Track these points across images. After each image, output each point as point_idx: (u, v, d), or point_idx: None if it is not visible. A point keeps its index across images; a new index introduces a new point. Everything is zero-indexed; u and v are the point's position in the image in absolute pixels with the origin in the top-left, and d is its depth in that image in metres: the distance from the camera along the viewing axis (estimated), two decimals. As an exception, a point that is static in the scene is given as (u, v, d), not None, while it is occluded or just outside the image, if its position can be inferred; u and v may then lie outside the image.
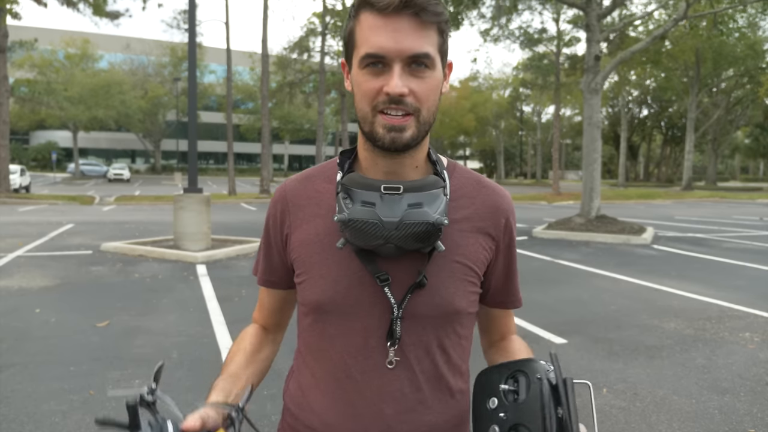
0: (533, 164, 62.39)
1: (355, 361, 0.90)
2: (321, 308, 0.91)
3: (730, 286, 6.81)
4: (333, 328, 0.91)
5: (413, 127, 0.83)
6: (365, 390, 0.89)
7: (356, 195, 0.84)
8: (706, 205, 23.81)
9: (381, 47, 0.80)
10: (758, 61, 33.17)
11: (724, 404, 3.39)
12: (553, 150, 33.02)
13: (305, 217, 0.94)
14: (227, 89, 26.54)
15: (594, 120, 12.27)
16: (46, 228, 11.70)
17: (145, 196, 24.52)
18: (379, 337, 0.89)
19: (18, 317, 5.05)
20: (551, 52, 30.46)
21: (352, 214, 0.81)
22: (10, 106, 22.58)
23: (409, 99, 0.81)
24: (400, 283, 0.88)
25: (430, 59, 0.81)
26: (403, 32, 0.79)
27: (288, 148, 61.15)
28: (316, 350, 0.94)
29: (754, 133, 56.35)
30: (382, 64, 0.81)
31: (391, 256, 0.86)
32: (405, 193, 0.83)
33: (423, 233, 0.81)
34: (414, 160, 0.89)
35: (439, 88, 0.85)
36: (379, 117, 0.82)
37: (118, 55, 49.07)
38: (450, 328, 0.92)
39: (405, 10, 0.79)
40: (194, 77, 9.38)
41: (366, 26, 0.81)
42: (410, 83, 0.81)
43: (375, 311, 0.88)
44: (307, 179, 0.98)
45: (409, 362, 0.89)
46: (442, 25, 0.83)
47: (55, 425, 2.99)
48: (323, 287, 0.90)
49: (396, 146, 0.83)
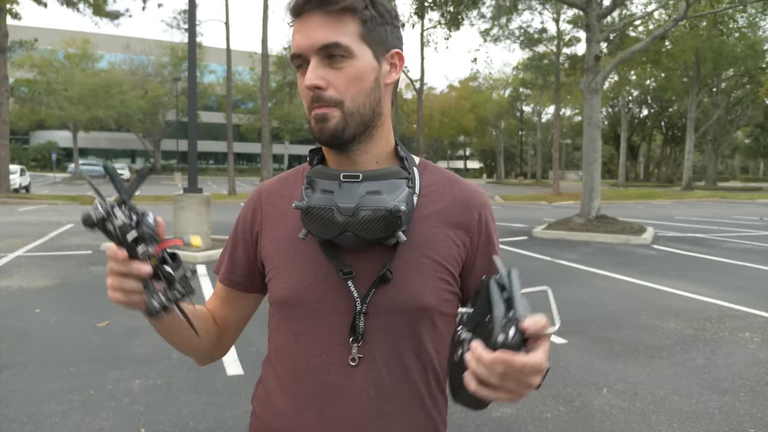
0: (533, 164, 62.38)
1: (319, 359, 0.88)
2: (287, 304, 0.90)
3: (730, 286, 6.81)
4: (298, 325, 0.89)
5: (337, 116, 0.83)
6: (329, 390, 0.87)
7: (317, 184, 0.84)
8: (706, 205, 23.81)
9: (297, 46, 0.83)
10: (758, 61, 33.17)
11: (724, 404, 3.39)
12: (553, 150, 33.01)
13: (277, 215, 0.95)
14: (227, 89, 26.55)
15: (594, 120, 12.27)
16: (46, 228, 11.70)
17: (145, 196, 24.53)
18: (344, 334, 0.87)
19: (18, 317, 5.05)
20: (551, 52, 30.47)
21: (310, 201, 0.82)
22: (10, 106, 22.58)
23: (329, 92, 0.82)
24: (365, 277, 0.86)
25: (343, 48, 0.81)
26: (312, 27, 0.82)
27: (288, 148, 61.15)
28: (282, 350, 0.93)
29: (754, 133, 56.35)
30: (305, 62, 0.83)
31: (354, 248, 0.84)
32: (364, 181, 0.83)
33: (379, 219, 0.79)
34: (368, 156, 0.89)
35: (364, 76, 0.84)
36: (312, 111, 0.84)
37: (118, 55, 49.08)
38: (421, 327, 0.88)
39: (310, 7, 0.82)
40: (194, 77, 9.38)
41: (293, 32, 0.85)
42: (328, 75, 0.82)
43: (340, 307, 0.87)
44: (282, 179, 0.99)
45: (375, 361, 0.86)
46: (360, 13, 0.82)
47: (55, 425, 2.99)
48: (289, 283, 0.89)
49: (324, 136, 0.84)
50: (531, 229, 12.63)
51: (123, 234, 0.72)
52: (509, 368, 0.62)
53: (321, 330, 0.88)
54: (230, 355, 4.00)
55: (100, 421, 3.05)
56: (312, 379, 0.88)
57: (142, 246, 0.73)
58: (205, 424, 3.03)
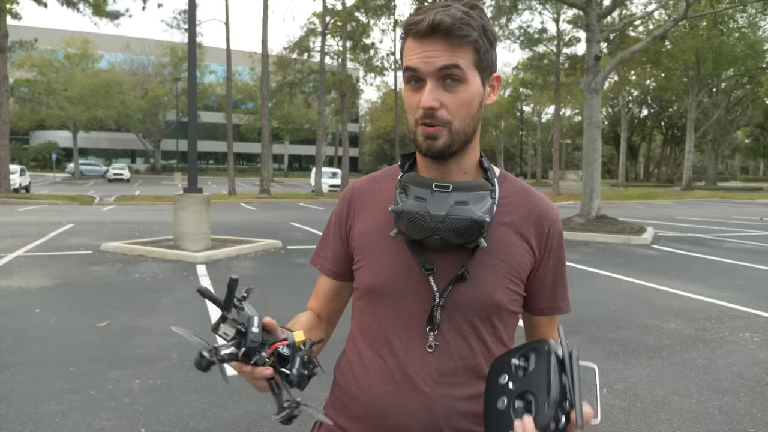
0: (533, 164, 62.37)
1: (399, 341, 0.99)
2: (373, 291, 1.01)
3: (730, 286, 6.81)
4: (382, 309, 1.01)
5: (445, 136, 0.92)
6: (406, 368, 0.97)
7: (411, 191, 0.94)
8: (706, 205, 23.81)
9: (415, 65, 0.91)
10: (758, 61, 33.19)
11: (724, 404, 3.39)
12: (553, 150, 33.02)
13: (368, 211, 1.06)
14: (227, 89, 26.55)
15: (594, 120, 12.27)
16: (46, 228, 11.69)
17: (145, 196, 24.53)
18: (421, 322, 0.97)
19: (18, 317, 5.05)
20: (551, 52, 30.48)
21: (405, 206, 0.92)
22: (10, 106, 22.57)
23: (441, 112, 0.91)
24: (444, 274, 0.97)
25: (461, 71, 0.90)
26: (433, 51, 0.89)
27: (288, 148, 61.15)
28: (365, 330, 1.04)
29: (754, 133, 56.37)
30: (419, 79, 0.91)
31: (438, 249, 0.95)
32: (454, 191, 0.92)
33: (465, 228, 0.90)
34: (460, 167, 0.99)
35: (474, 101, 0.93)
36: (420, 128, 0.93)
37: (118, 55, 49.09)
38: (489, 321, 0.99)
39: (434, 35, 0.88)
40: (194, 77, 9.39)
41: (408, 48, 0.92)
42: (442, 97, 0.91)
43: (420, 298, 0.98)
44: (373, 179, 1.11)
45: (449, 347, 0.97)
46: (476, 44, 0.90)
47: (55, 425, 2.99)
48: (377, 272, 1.01)
49: (431, 152, 0.94)
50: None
51: (233, 358, 0.84)
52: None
53: (402, 316, 0.99)
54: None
55: (100, 421, 3.05)
56: (392, 358, 0.99)
57: (256, 355, 0.83)
58: (205, 424, 3.03)
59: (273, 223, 13.92)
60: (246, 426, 3.02)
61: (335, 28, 28.12)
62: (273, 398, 0.86)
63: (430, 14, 0.88)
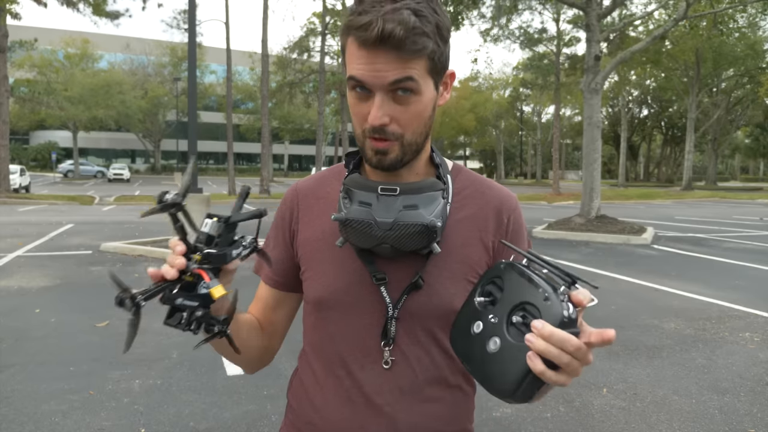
0: (533, 164, 62.39)
1: (354, 358, 0.91)
2: (322, 305, 0.93)
3: (730, 286, 6.81)
4: (333, 325, 0.93)
5: (396, 150, 0.84)
6: (364, 387, 0.90)
7: (355, 195, 0.85)
8: (706, 205, 23.81)
9: (361, 76, 0.80)
10: (758, 61, 33.18)
11: (724, 404, 3.39)
12: (553, 150, 33.02)
13: (314, 215, 0.97)
14: (227, 89, 26.57)
15: (594, 120, 12.26)
16: (46, 228, 11.69)
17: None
18: (376, 336, 0.90)
19: (18, 317, 5.05)
20: (551, 52, 30.48)
21: (349, 213, 0.83)
22: (10, 106, 22.57)
23: (391, 127, 0.82)
24: (398, 284, 0.89)
25: (415, 83, 0.80)
26: (381, 63, 0.78)
27: (288, 148, 61.14)
28: (317, 347, 0.96)
29: (754, 133, 56.37)
30: (366, 89, 0.81)
31: (389, 257, 0.87)
32: (401, 194, 0.84)
33: (416, 234, 0.82)
34: (411, 170, 0.91)
35: (425, 110, 0.84)
36: (368, 140, 0.84)
37: (118, 55, 49.06)
38: (448, 329, 0.89)
39: (384, 45, 0.77)
40: (194, 77, 9.39)
41: (350, 51, 0.81)
42: (393, 111, 0.81)
43: (372, 310, 0.90)
44: (319, 179, 1.01)
45: (409, 361, 0.90)
46: (431, 53, 0.80)
47: (55, 425, 2.99)
48: (324, 284, 0.92)
49: (382, 167, 0.86)
50: (531, 229, 12.63)
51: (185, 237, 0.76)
52: (581, 346, 0.63)
53: (355, 331, 0.91)
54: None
55: (100, 421, 3.05)
56: (348, 377, 0.91)
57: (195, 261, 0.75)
58: (205, 424, 3.03)
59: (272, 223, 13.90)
60: (246, 426, 3.02)
61: (335, 28, 28.11)
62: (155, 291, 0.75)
63: (377, 19, 0.75)
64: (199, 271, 0.74)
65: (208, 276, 0.74)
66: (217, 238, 0.77)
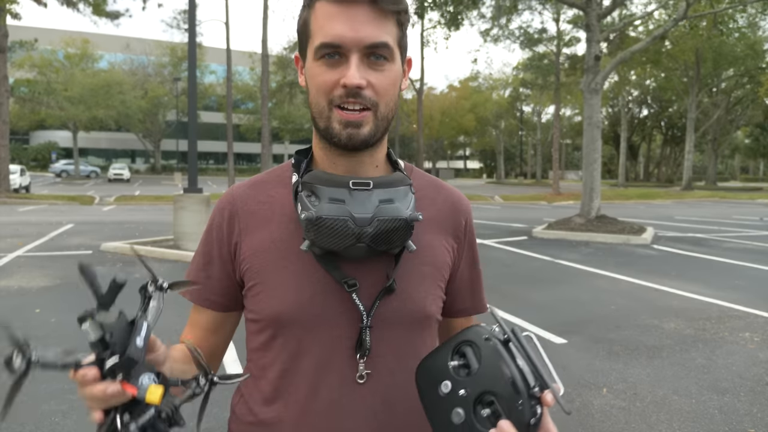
0: (533, 164, 62.37)
1: (322, 378, 0.82)
2: (281, 321, 0.82)
3: (730, 286, 6.81)
4: (294, 343, 0.82)
5: (371, 122, 0.79)
6: (334, 410, 0.81)
7: (322, 192, 0.76)
8: (706, 205, 23.81)
9: (337, 36, 0.75)
10: (758, 61, 33.18)
11: (724, 404, 3.39)
12: (553, 150, 33.01)
13: (257, 223, 0.86)
14: (227, 89, 26.56)
15: (594, 120, 12.27)
16: (46, 228, 11.69)
17: (145, 196, 24.53)
18: (348, 348, 0.81)
19: (18, 317, 5.05)
20: (551, 52, 30.47)
21: (320, 211, 0.74)
22: (10, 106, 22.58)
23: (367, 92, 0.77)
24: (369, 289, 0.82)
25: (389, 50, 0.77)
26: (361, 20, 0.75)
27: (288, 148, 61.13)
28: (273, 371, 0.84)
29: (754, 133, 56.36)
30: (339, 54, 0.76)
31: (359, 258, 0.79)
32: (375, 188, 0.77)
33: (395, 230, 0.76)
34: (374, 159, 0.85)
35: (398, 82, 0.81)
36: (335, 112, 0.78)
37: (118, 55, 49.06)
38: (421, 335, 0.86)
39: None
40: (194, 77, 9.39)
41: (321, 15, 0.77)
42: (368, 75, 0.77)
43: (342, 321, 0.81)
44: (257, 184, 0.91)
45: (381, 375, 0.83)
46: (401, 16, 0.79)
47: (55, 425, 2.99)
48: (282, 297, 0.82)
49: (353, 143, 0.79)
50: (531, 229, 12.63)
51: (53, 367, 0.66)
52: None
53: (321, 346, 0.82)
54: (230, 355, 4.00)
55: (100, 421, 3.05)
56: (315, 399, 0.82)
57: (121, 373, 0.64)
58: (205, 424, 3.02)
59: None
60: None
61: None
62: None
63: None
64: (124, 387, 0.63)
65: (135, 387, 0.63)
66: (108, 337, 0.65)
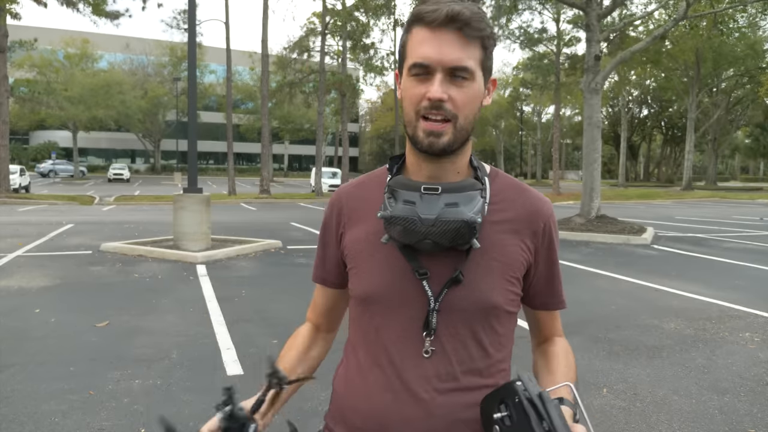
0: (533, 164, 62.38)
1: (396, 348, 0.97)
2: (367, 299, 1.00)
3: (730, 286, 6.81)
4: (378, 317, 0.99)
5: (450, 133, 0.91)
6: (404, 375, 0.96)
7: (399, 195, 0.92)
8: (706, 205, 23.81)
9: (426, 57, 0.88)
10: (758, 61, 33.20)
11: (724, 404, 3.39)
12: (553, 150, 33.02)
13: (358, 217, 1.04)
14: (227, 89, 26.57)
15: (594, 120, 12.27)
16: (45, 228, 11.69)
17: (144, 196, 24.54)
18: (417, 328, 0.96)
19: (18, 317, 5.05)
20: (551, 52, 30.48)
21: (394, 211, 0.90)
22: (10, 106, 22.57)
23: (448, 105, 0.89)
24: (439, 278, 0.95)
25: (470, 72, 0.89)
26: (447, 45, 0.88)
27: (288, 148, 61.14)
28: (362, 338, 1.02)
29: (754, 133, 56.36)
30: (427, 72, 0.89)
31: (430, 252, 0.93)
32: (443, 193, 0.91)
33: (457, 230, 0.88)
34: (455, 166, 0.98)
35: (477, 99, 0.93)
36: (421, 122, 0.91)
37: (118, 55, 49.08)
38: (487, 323, 0.97)
39: (450, 25, 0.87)
40: (194, 77, 9.39)
41: (416, 39, 0.91)
42: (450, 90, 0.89)
43: (415, 303, 0.96)
44: (360, 184, 1.09)
45: (446, 352, 0.95)
46: (486, 41, 0.91)
47: (55, 425, 2.99)
48: (370, 279, 0.99)
49: (434, 150, 0.92)
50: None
51: None
52: None
53: (398, 324, 0.97)
54: (230, 355, 4.00)
55: (100, 421, 3.05)
56: (390, 366, 0.97)
57: None
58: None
59: (273, 223, 13.91)
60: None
61: (335, 28, 28.12)
62: None
63: (444, 5, 0.87)
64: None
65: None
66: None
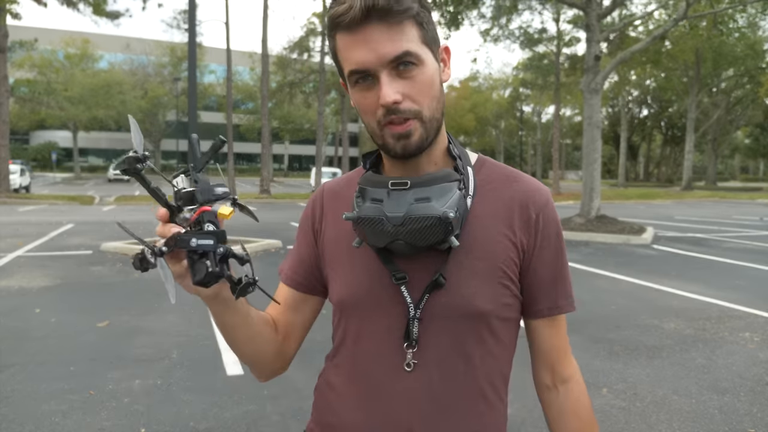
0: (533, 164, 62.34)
1: (375, 362, 0.88)
2: (343, 306, 0.92)
3: (730, 286, 6.81)
4: (355, 327, 0.91)
5: (419, 129, 0.81)
6: (382, 392, 0.87)
7: (368, 193, 0.84)
8: (706, 205, 23.81)
9: (360, 61, 0.78)
10: (758, 61, 33.17)
11: (724, 404, 3.39)
12: (553, 150, 33.02)
13: (335, 216, 0.95)
14: (227, 89, 26.56)
15: (594, 120, 12.27)
16: (46, 228, 11.69)
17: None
18: (397, 338, 0.86)
19: (18, 317, 5.05)
20: (551, 52, 30.47)
21: (360, 212, 0.81)
22: (10, 106, 22.57)
23: (406, 104, 0.79)
24: (419, 283, 0.85)
25: (414, 55, 0.78)
26: (377, 40, 0.77)
27: (288, 148, 61.15)
28: (342, 349, 0.95)
29: (754, 133, 56.38)
30: (370, 76, 0.79)
31: (407, 254, 0.83)
32: (412, 188, 0.80)
33: (429, 228, 0.78)
34: (430, 158, 0.87)
35: (434, 80, 0.82)
36: (386, 128, 0.81)
37: (118, 55, 49.04)
38: (475, 332, 0.86)
39: (371, 19, 0.76)
40: (194, 77, 9.39)
41: (342, 45, 0.80)
42: (401, 87, 0.78)
43: (393, 311, 0.86)
44: (345, 180, 1.00)
45: (429, 366, 0.86)
46: (417, 16, 0.79)
47: (55, 425, 2.99)
48: (345, 285, 0.91)
49: (408, 152, 0.82)
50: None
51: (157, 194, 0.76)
52: None
53: (376, 333, 0.88)
54: (230, 355, 4.00)
55: (100, 421, 3.05)
56: (366, 380, 0.89)
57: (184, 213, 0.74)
58: (205, 424, 3.03)
59: (273, 223, 13.91)
60: (246, 426, 3.02)
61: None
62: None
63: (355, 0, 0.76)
64: (199, 211, 0.73)
65: (209, 207, 0.73)
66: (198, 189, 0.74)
